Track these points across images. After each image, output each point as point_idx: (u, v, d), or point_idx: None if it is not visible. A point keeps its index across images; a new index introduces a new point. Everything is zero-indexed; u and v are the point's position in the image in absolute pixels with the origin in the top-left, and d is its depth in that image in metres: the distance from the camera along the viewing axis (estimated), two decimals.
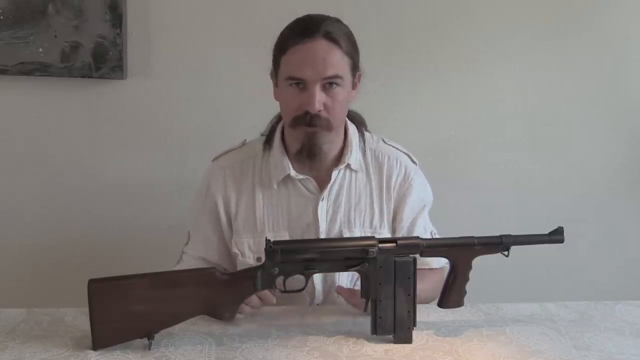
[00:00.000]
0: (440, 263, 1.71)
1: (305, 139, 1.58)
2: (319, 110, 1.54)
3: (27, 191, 2.28)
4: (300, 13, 1.60)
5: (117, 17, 2.15)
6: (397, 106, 2.29)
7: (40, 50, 2.15)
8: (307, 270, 1.41)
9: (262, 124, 1.75)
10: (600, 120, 2.37)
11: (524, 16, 2.28)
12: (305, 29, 1.55)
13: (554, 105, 2.35)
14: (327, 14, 1.61)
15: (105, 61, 2.17)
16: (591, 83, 2.34)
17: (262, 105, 1.72)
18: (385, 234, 1.68)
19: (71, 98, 2.23)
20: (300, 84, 1.54)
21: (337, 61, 1.54)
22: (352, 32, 1.62)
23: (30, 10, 2.13)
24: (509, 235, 1.45)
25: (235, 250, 1.69)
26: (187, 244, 1.76)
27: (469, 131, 2.33)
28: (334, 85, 1.55)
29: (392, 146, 1.74)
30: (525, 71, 2.32)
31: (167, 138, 2.27)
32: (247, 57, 2.21)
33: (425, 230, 1.70)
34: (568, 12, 2.29)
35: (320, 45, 1.53)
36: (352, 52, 1.59)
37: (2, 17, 2.13)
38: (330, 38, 1.54)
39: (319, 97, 1.53)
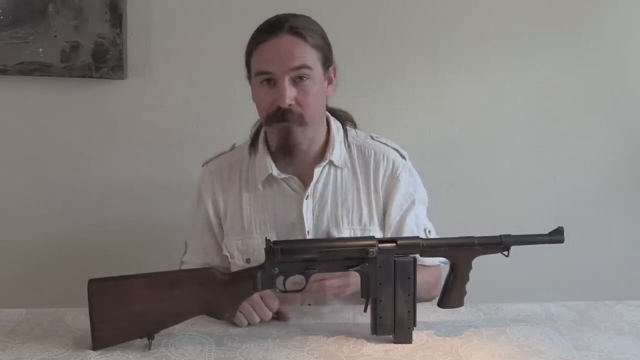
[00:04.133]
0: (434, 261, 1.69)
1: (280, 135, 1.59)
2: (290, 105, 1.54)
3: (26, 191, 2.28)
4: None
5: (117, 17, 2.15)
6: (397, 106, 2.29)
7: (40, 50, 2.15)
8: (307, 270, 1.41)
9: None
10: (600, 120, 2.37)
11: (524, 17, 2.28)
12: (269, 27, 1.56)
13: (554, 105, 2.34)
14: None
15: (105, 61, 2.17)
16: (591, 83, 2.34)
17: None
18: (375, 231, 1.66)
19: (71, 98, 2.23)
20: (271, 80, 1.55)
21: (302, 53, 1.54)
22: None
23: (30, 10, 2.13)
24: (509, 235, 1.45)
25: (225, 252, 1.69)
26: (185, 253, 1.77)
27: (469, 131, 2.33)
28: (304, 79, 1.55)
29: (380, 141, 1.73)
30: (525, 71, 2.31)
31: (167, 138, 2.27)
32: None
33: (417, 227, 1.68)
34: (568, 12, 2.29)
35: (285, 40, 1.54)
36: (322, 46, 1.59)
37: (2, 17, 2.13)
38: (295, 32, 1.54)
39: (289, 92, 1.53)
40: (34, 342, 1.40)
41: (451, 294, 1.47)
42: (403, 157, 1.72)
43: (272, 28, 1.55)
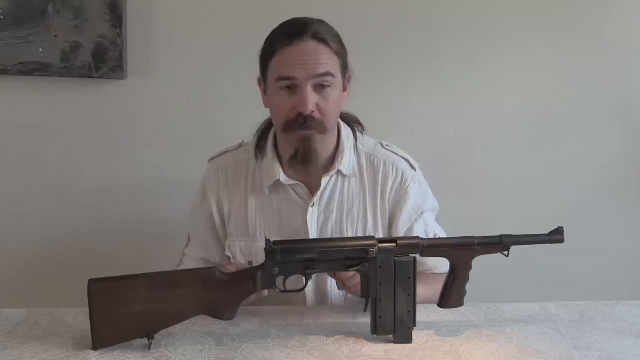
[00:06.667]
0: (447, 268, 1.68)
1: (299, 143, 1.56)
2: (312, 112, 1.52)
3: (26, 191, 2.28)
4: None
5: (117, 17, 2.15)
6: (397, 107, 2.29)
7: (40, 50, 2.15)
8: (307, 270, 1.41)
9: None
10: (600, 120, 2.36)
11: (524, 16, 2.28)
12: (293, 31, 1.54)
13: (553, 105, 2.34)
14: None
15: (105, 61, 2.17)
16: (591, 83, 2.34)
17: (262, 106, 1.72)
18: None
19: (71, 98, 2.23)
20: (291, 86, 1.53)
21: (327, 59, 1.53)
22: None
23: (30, 10, 2.13)
24: (509, 235, 1.45)
25: (228, 253, 1.69)
26: (187, 246, 1.76)
27: (469, 131, 2.33)
28: (326, 86, 1.53)
29: (391, 150, 1.71)
30: (525, 71, 2.31)
31: (167, 138, 2.27)
32: (247, 57, 2.20)
33: (426, 234, 1.66)
34: (567, 12, 2.29)
35: (310, 46, 1.52)
36: (341, 52, 1.58)
37: (2, 17, 2.13)
38: (319, 38, 1.53)
39: (312, 98, 1.52)
40: (34, 342, 1.40)
41: (451, 294, 1.47)
42: (413, 167, 1.70)
43: (296, 32, 1.53)
